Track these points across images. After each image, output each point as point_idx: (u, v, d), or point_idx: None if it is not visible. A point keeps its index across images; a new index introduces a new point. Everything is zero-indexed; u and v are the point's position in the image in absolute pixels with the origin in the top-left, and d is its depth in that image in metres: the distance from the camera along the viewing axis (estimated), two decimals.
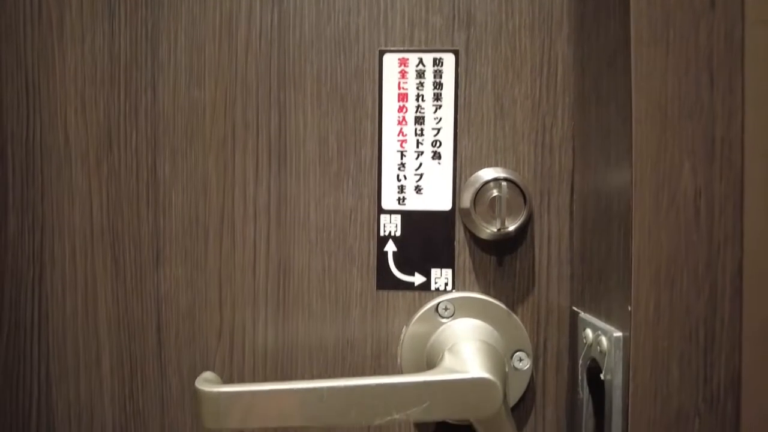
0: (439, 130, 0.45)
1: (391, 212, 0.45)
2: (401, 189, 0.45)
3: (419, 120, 0.45)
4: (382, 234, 0.46)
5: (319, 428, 0.41)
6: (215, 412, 0.37)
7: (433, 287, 0.45)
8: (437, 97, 0.45)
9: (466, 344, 0.40)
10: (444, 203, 0.45)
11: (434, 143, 0.45)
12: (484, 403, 0.35)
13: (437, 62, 0.45)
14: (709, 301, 0.33)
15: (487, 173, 0.44)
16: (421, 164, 0.45)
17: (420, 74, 0.45)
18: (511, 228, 0.42)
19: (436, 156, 0.45)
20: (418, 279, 0.45)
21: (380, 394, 0.36)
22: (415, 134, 0.45)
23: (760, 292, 0.35)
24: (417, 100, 0.45)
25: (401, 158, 0.45)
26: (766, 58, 0.33)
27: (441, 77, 0.45)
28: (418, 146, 0.45)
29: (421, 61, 0.45)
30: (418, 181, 0.45)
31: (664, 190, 0.33)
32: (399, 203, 0.45)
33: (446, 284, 0.45)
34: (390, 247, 0.46)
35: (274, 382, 0.38)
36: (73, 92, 0.46)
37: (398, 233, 0.45)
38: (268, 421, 0.37)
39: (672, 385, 0.34)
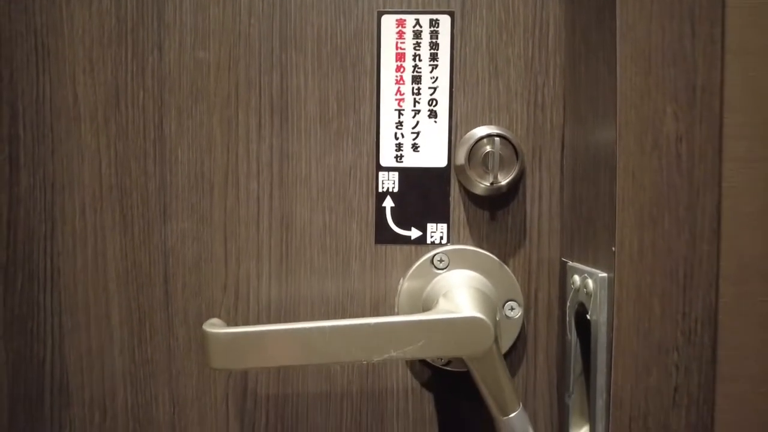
0: (435, 89, 0.47)
1: (389, 169, 0.47)
2: (399, 147, 0.47)
3: (416, 79, 0.47)
4: (380, 190, 0.47)
5: (320, 366, 0.43)
6: (222, 352, 0.39)
7: (429, 241, 0.47)
8: (434, 57, 0.46)
9: (459, 290, 0.42)
10: (440, 160, 0.47)
11: (431, 102, 0.47)
12: (476, 341, 0.38)
13: (434, 23, 0.46)
14: (689, 241, 0.35)
15: (481, 130, 0.45)
16: (417, 122, 0.47)
17: (417, 35, 0.46)
18: (504, 183, 0.44)
19: (433, 114, 0.47)
20: (414, 233, 0.47)
21: (378, 333, 0.38)
22: (413, 93, 0.47)
23: (736, 233, 0.37)
24: (414, 60, 0.47)
25: (399, 117, 0.47)
26: (746, 8, 0.35)
27: (437, 38, 0.46)
28: (415, 105, 0.47)
29: (418, 22, 0.46)
30: (415, 139, 0.47)
31: (647, 135, 0.35)
32: (397, 161, 0.47)
33: (441, 238, 0.47)
34: (388, 203, 0.47)
35: (278, 324, 0.40)
36: (82, 53, 0.48)
37: (396, 189, 0.47)
38: (273, 360, 0.39)
39: (653, 321, 0.36)
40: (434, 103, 0.47)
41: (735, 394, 0.38)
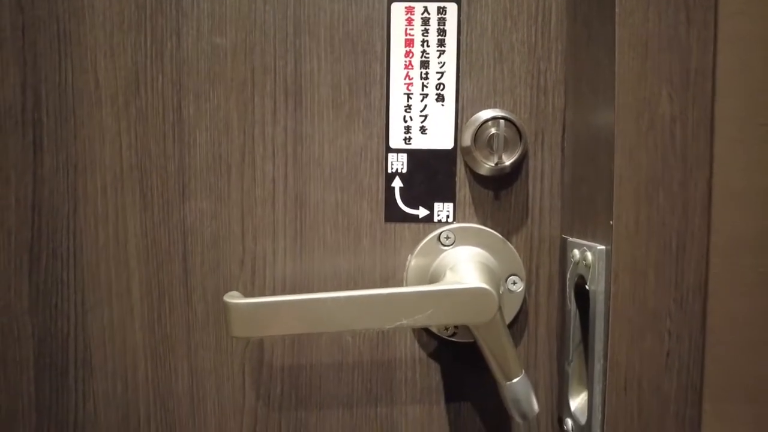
0: (442, 73, 0.49)
1: (398, 151, 0.50)
2: (407, 129, 0.49)
3: (424, 64, 0.49)
4: (389, 171, 0.50)
5: (334, 334, 0.46)
6: (242, 321, 0.42)
7: (436, 219, 0.50)
8: (441, 43, 0.49)
9: (465, 265, 0.45)
10: (446, 142, 0.49)
11: (438, 86, 0.49)
12: (481, 309, 0.40)
13: (441, 11, 0.48)
14: (682, 216, 0.38)
15: (486, 113, 0.48)
16: (425, 106, 0.49)
17: (425, 22, 0.48)
18: (508, 163, 0.47)
19: (440, 98, 0.49)
20: (422, 212, 0.50)
21: (390, 303, 0.40)
22: (421, 78, 0.49)
23: (726, 209, 0.39)
24: (422, 45, 0.49)
25: (407, 100, 0.49)
26: None
27: (444, 24, 0.48)
28: (423, 89, 0.49)
29: (426, 9, 0.48)
30: (422, 121, 0.49)
31: (644, 116, 0.37)
32: (405, 142, 0.49)
33: (448, 216, 0.50)
34: (397, 183, 0.50)
35: (295, 294, 0.42)
36: (102, 38, 0.49)
37: (404, 170, 0.50)
38: (290, 329, 0.42)
39: (648, 289, 0.38)
40: (441, 87, 0.49)
41: (723, 358, 0.40)
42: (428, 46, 0.49)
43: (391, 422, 0.51)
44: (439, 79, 0.49)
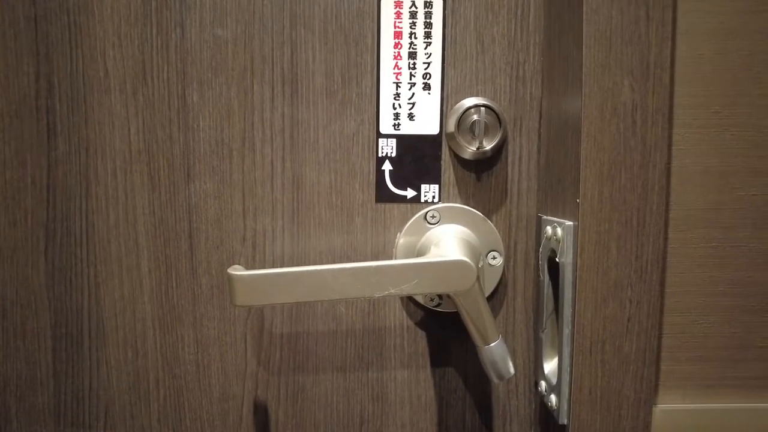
0: (429, 64, 0.52)
1: (387, 136, 0.53)
2: (396, 116, 0.53)
3: (412, 55, 0.52)
4: (380, 155, 0.53)
5: (329, 303, 0.50)
6: (245, 291, 0.46)
7: (422, 199, 0.54)
8: (428, 35, 0.52)
9: (448, 240, 0.49)
10: (432, 128, 0.53)
11: (425, 76, 0.53)
12: (460, 279, 0.44)
13: (427, 5, 0.52)
14: (642, 194, 0.42)
15: (469, 101, 0.51)
16: (413, 94, 0.53)
17: (413, 15, 0.52)
18: (488, 148, 0.50)
19: (427, 87, 0.53)
20: (410, 193, 0.54)
21: (379, 274, 0.44)
22: (409, 68, 0.53)
23: (683, 189, 0.43)
24: (410, 37, 0.52)
25: (396, 89, 0.53)
26: None
27: (431, 18, 0.52)
28: (411, 78, 0.53)
29: (413, 3, 0.52)
30: (410, 109, 0.53)
31: (607, 103, 0.41)
32: (394, 128, 0.53)
33: (434, 197, 0.54)
34: (387, 166, 0.54)
35: (293, 267, 0.46)
36: (111, 30, 0.53)
37: (394, 154, 0.53)
38: (288, 298, 0.46)
39: (611, 261, 0.43)
40: (428, 76, 0.53)
41: (678, 323, 0.45)
42: (415, 38, 0.52)
43: (381, 385, 0.55)
44: (425, 69, 0.52)
